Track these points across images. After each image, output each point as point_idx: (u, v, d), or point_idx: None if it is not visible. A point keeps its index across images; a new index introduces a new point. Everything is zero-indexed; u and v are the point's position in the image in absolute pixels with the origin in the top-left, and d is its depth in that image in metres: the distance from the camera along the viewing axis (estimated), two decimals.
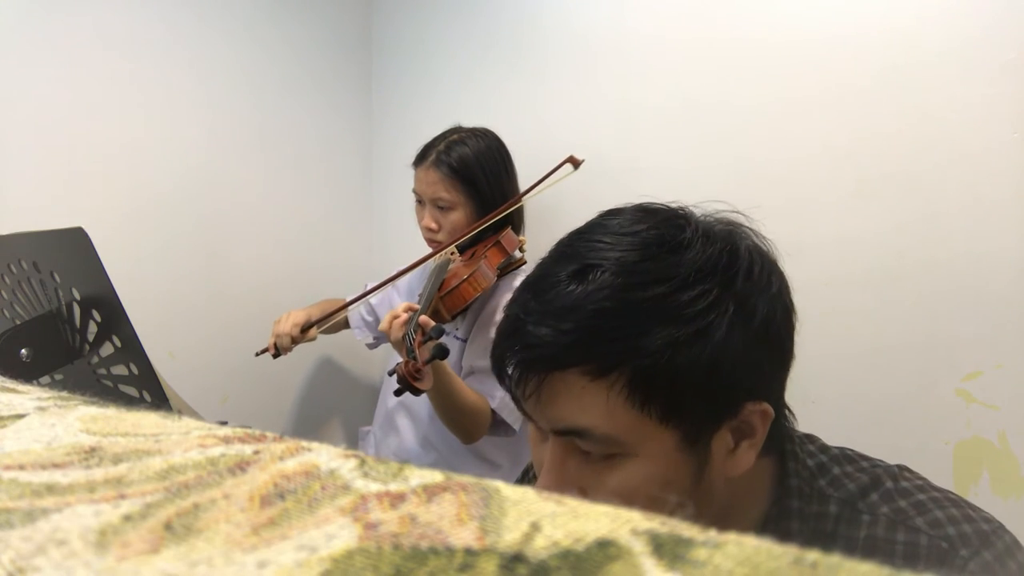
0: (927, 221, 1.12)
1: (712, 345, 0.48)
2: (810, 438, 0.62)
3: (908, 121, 1.13)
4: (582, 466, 0.52)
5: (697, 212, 0.58)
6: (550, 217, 1.56)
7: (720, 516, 0.56)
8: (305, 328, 1.28)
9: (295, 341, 1.28)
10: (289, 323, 1.29)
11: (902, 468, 0.58)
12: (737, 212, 0.58)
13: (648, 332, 0.48)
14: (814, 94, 1.22)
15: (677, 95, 1.39)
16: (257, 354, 1.33)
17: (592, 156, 1.53)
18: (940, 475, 1.10)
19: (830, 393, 1.22)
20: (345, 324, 1.59)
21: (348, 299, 1.40)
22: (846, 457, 0.59)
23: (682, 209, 0.58)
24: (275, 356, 1.31)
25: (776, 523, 0.56)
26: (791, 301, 0.56)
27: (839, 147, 1.20)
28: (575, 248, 0.54)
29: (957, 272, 1.09)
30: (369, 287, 1.39)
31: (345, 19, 1.92)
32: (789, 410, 0.60)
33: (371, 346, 1.56)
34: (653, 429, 0.50)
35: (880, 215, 1.16)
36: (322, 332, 1.47)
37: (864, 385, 1.18)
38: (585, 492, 0.52)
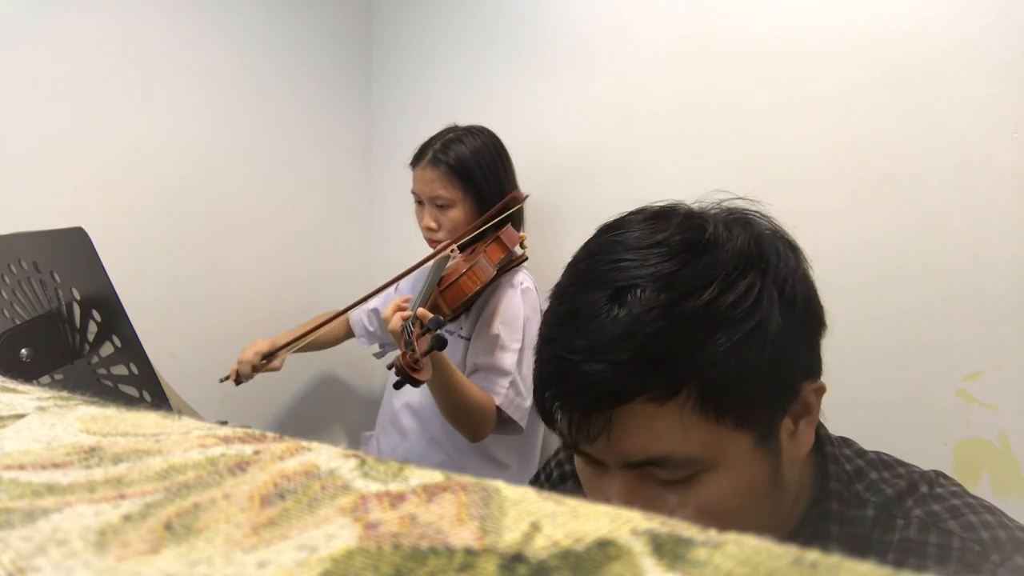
0: (927, 222, 1.11)
1: (770, 338, 0.48)
2: (846, 441, 0.62)
3: (908, 122, 1.13)
4: (657, 492, 0.50)
5: (697, 208, 0.57)
6: (552, 215, 1.56)
7: (782, 514, 0.55)
8: (268, 355, 1.29)
9: (256, 369, 1.30)
10: (252, 351, 1.31)
11: (939, 474, 0.58)
12: (735, 196, 0.58)
13: (708, 342, 0.46)
14: (814, 95, 1.22)
15: (677, 95, 1.39)
16: (221, 380, 1.33)
17: (592, 156, 1.53)
18: None
19: (830, 393, 1.21)
20: (348, 334, 1.59)
21: (336, 311, 1.40)
22: (883, 463, 0.59)
23: (687, 207, 0.56)
24: (237, 383, 1.32)
25: (815, 524, 0.55)
26: (809, 268, 0.56)
27: (839, 148, 1.20)
28: (598, 272, 0.51)
29: (957, 272, 1.09)
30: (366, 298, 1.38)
31: (345, 18, 1.92)
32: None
33: (378, 355, 1.53)
34: (730, 437, 0.48)
35: (880, 215, 1.16)
36: (313, 349, 1.48)
37: (864, 385, 1.18)
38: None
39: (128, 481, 0.18)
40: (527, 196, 1.26)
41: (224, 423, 0.43)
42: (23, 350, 0.67)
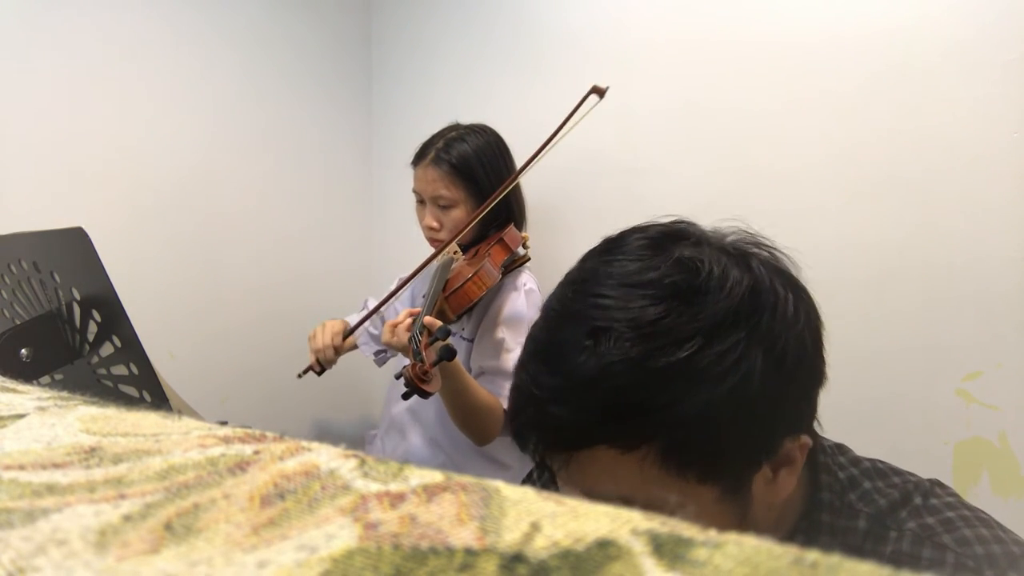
0: (927, 221, 1.12)
1: (746, 399, 0.45)
2: (841, 449, 0.60)
3: (908, 122, 1.13)
4: None
5: (708, 230, 0.53)
6: (553, 215, 1.56)
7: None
8: (346, 334, 1.21)
9: (338, 352, 1.22)
10: (328, 334, 1.22)
11: (934, 483, 0.56)
12: (742, 223, 0.54)
13: (677, 401, 0.45)
14: (814, 95, 1.22)
15: (678, 95, 1.39)
16: (300, 375, 1.24)
17: (592, 156, 1.53)
18: (940, 475, 1.09)
19: (830, 393, 1.21)
20: (352, 344, 1.58)
21: (362, 310, 1.38)
22: (877, 471, 0.57)
23: (692, 237, 0.52)
24: (319, 373, 1.23)
25: (805, 535, 0.54)
26: (817, 317, 0.51)
27: (839, 148, 1.20)
28: (581, 304, 0.49)
29: (957, 272, 1.09)
30: (369, 301, 1.37)
31: (345, 18, 1.92)
32: (817, 420, 0.57)
33: (379, 361, 1.49)
34: (692, 489, 0.47)
35: (880, 215, 1.16)
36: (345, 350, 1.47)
37: (864, 385, 1.18)
38: None
39: (128, 481, 0.18)
40: (606, 88, 1.22)
41: (224, 423, 0.43)
42: (23, 350, 0.67)
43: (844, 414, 1.21)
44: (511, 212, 1.29)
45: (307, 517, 0.16)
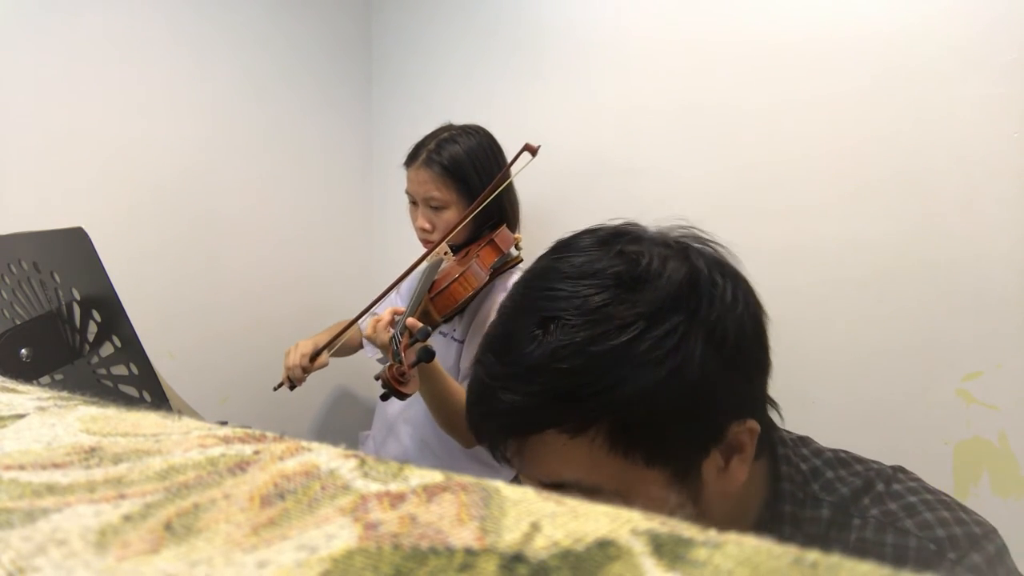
0: (927, 221, 1.12)
1: (688, 381, 0.47)
2: (804, 441, 0.61)
3: (908, 121, 1.13)
4: None
5: (651, 229, 0.56)
6: (549, 216, 1.56)
7: (717, 524, 0.55)
8: (313, 356, 1.26)
9: (306, 371, 1.27)
10: (297, 354, 1.28)
11: (897, 470, 0.58)
12: (685, 222, 0.56)
13: (620, 383, 0.47)
14: (814, 95, 1.22)
15: (677, 95, 1.39)
16: (275, 388, 1.31)
17: (592, 156, 1.53)
18: (940, 475, 1.10)
19: (830, 393, 1.22)
20: (359, 345, 1.58)
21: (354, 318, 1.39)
22: (840, 460, 0.59)
23: (634, 234, 0.55)
24: (291, 388, 1.29)
25: (769, 527, 0.55)
26: (758, 306, 0.54)
27: (839, 147, 1.20)
28: (531, 297, 0.52)
29: (957, 272, 1.09)
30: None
31: (345, 19, 1.92)
32: (777, 409, 0.58)
33: (381, 360, 1.53)
34: (640, 472, 0.49)
35: (880, 215, 1.16)
36: (335, 355, 1.47)
37: (864, 385, 1.18)
38: None
39: (128, 481, 0.18)
40: (539, 147, 1.23)
41: (224, 423, 0.43)
42: (23, 350, 0.67)
43: (844, 414, 1.22)
44: (503, 213, 1.29)
45: (307, 517, 0.16)
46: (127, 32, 1.47)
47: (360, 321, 1.40)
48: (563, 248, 0.55)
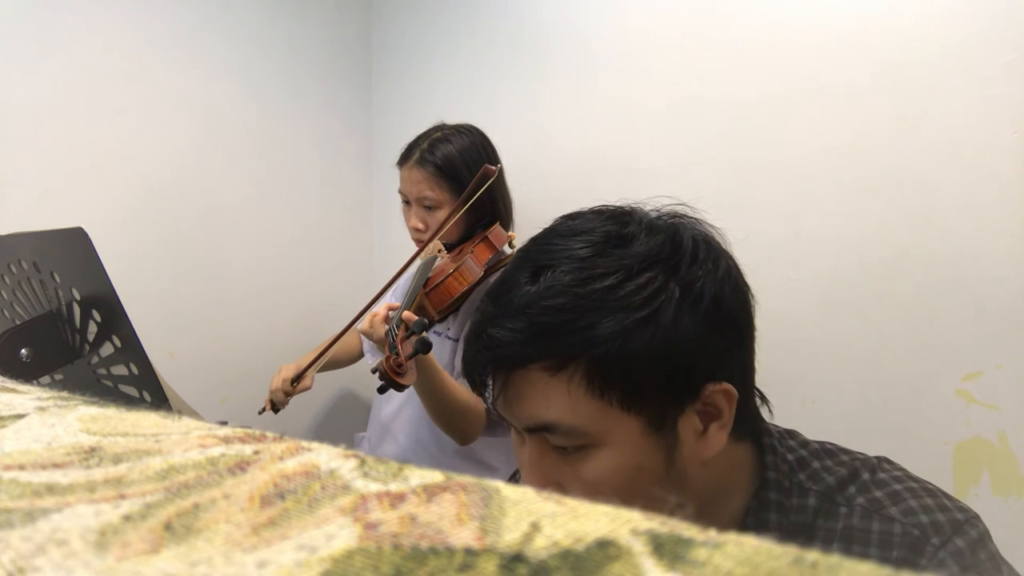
0: (927, 221, 1.12)
1: (661, 329, 0.50)
2: (791, 433, 0.63)
3: (908, 120, 1.13)
4: (558, 462, 0.54)
5: (647, 208, 0.60)
6: (549, 216, 1.56)
7: (703, 508, 0.57)
8: (295, 380, 1.28)
9: (288, 394, 1.29)
10: (279, 379, 1.31)
11: (881, 460, 0.60)
12: (683, 204, 0.61)
13: (598, 323, 0.50)
14: (814, 93, 1.22)
15: (677, 95, 1.39)
16: (259, 413, 1.33)
17: (592, 156, 1.53)
18: (940, 475, 1.10)
19: (830, 393, 1.22)
20: (357, 355, 1.58)
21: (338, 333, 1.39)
22: (826, 451, 0.61)
23: (631, 207, 0.60)
24: (275, 412, 1.30)
25: (755, 515, 0.57)
26: (743, 282, 0.57)
27: (839, 146, 1.20)
28: (531, 253, 0.57)
29: (957, 272, 1.09)
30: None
31: (345, 19, 1.92)
32: (767, 405, 0.62)
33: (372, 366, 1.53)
34: (616, 417, 0.52)
35: (880, 214, 1.16)
36: (329, 369, 1.48)
37: (864, 385, 1.18)
38: (563, 487, 0.53)
39: (128, 481, 0.18)
40: (500, 166, 1.23)
41: (224, 423, 0.43)
42: (23, 350, 0.67)
43: (844, 414, 1.21)
44: (497, 211, 1.29)
45: (307, 517, 0.16)
46: (127, 32, 1.47)
47: (354, 329, 1.40)
48: (565, 217, 0.60)
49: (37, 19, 1.35)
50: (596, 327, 0.50)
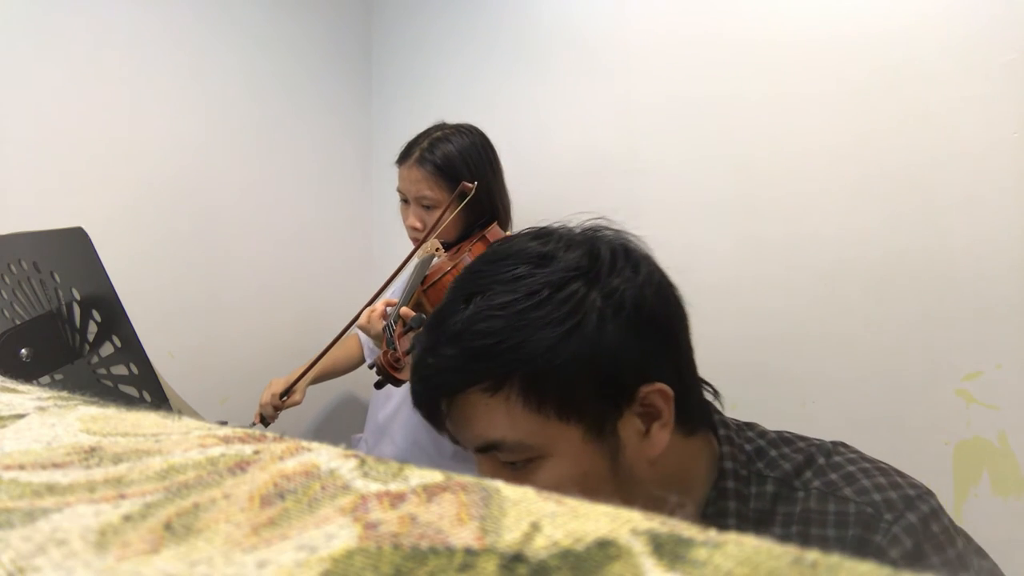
0: (927, 221, 1.12)
1: (587, 339, 0.53)
2: (750, 426, 0.65)
3: (908, 120, 1.13)
4: (510, 477, 0.57)
5: (572, 225, 0.63)
6: (553, 215, 1.56)
7: (662, 504, 0.58)
8: (283, 395, 1.29)
9: (277, 408, 1.31)
10: (268, 393, 1.33)
11: (837, 444, 0.61)
12: (602, 218, 0.62)
13: (527, 340, 0.53)
14: (814, 93, 1.22)
15: (678, 95, 1.39)
16: (251, 425, 1.33)
17: (592, 156, 1.53)
18: (940, 475, 1.10)
19: (830, 393, 1.22)
20: (357, 361, 1.58)
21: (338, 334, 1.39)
22: (783, 439, 0.63)
23: (551, 227, 0.62)
24: (265, 425, 1.32)
25: (715, 504, 0.59)
26: (668, 283, 0.59)
27: (839, 146, 1.20)
28: (464, 282, 0.59)
29: (957, 272, 1.09)
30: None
31: (345, 19, 1.92)
32: (719, 399, 0.64)
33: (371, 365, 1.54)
34: (556, 428, 0.54)
35: (880, 215, 1.16)
36: (325, 379, 1.48)
37: (864, 385, 1.18)
38: None
39: (128, 481, 0.18)
40: (476, 184, 1.24)
41: (224, 423, 0.43)
42: (23, 350, 0.67)
43: (844, 414, 1.21)
44: (495, 211, 1.29)
45: (307, 517, 0.16)
46: (127, 32, 1.47)
47: (352, 330, 1.40)
48: (498, 242, 0.63)
49: (37, 19, 1.35)
50: (525, 345, 0.52)
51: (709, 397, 0.64)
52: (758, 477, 0.59)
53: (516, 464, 0.55)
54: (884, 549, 0.51)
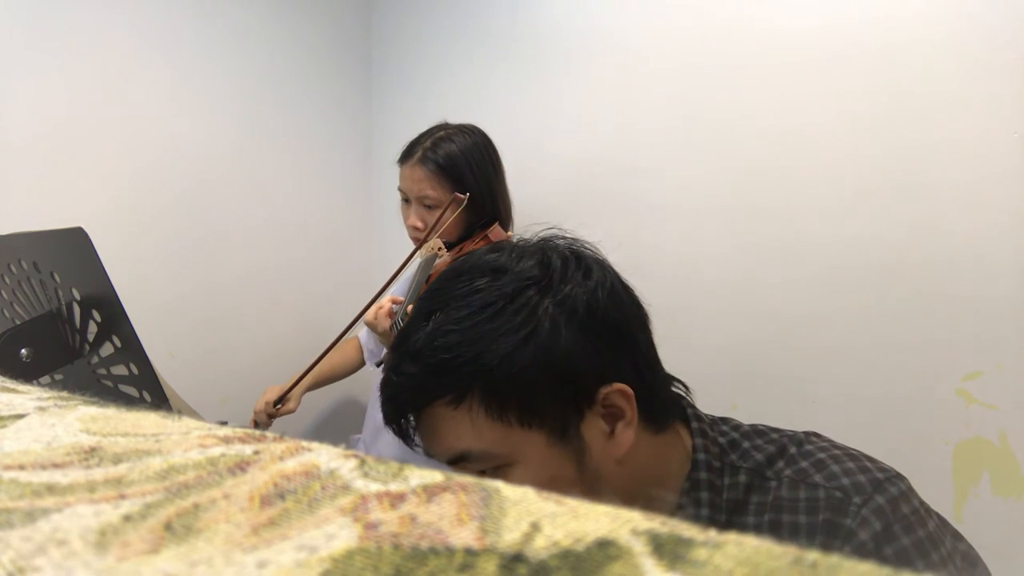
0: (927, 221, 1.12)
1: (542, 345, 0.54)
2: (724, 420, 0.66)
3: (908, 121, 1.13)
4: None
5: (528, 237, 0.64)
6: (552, 215, 1.56)
7: (635, 502, 0.57)
8: (277, 403, 1.30)
9: (272, 416, 1.32)
10: (262, 401, 1.33)
11: (809, 434, 0.63)
12: (555, 227, 0.64)
13: (485, 351, 0.54)
14: (814, 95, 1.22)
15: (677, 96, 1.39)
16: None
17: (592, 156, 1.53)
18: (940, 475, 1.10)
19: (830, 393, 1.22)
20: (356, 364, 1.58)
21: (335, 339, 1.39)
22: (756, 432, 0.63)
23: (505, 241, 0.64)
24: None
25: (688, 495, 0.60)
26: (621, 286, 0.60)
27: (840, 147, 1.20)
28: (426, 300, 0.61)
29: (957, 272, 1.09)
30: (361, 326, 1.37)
31: (345, 18, 1.92)
32: (689, 395, 0.65)
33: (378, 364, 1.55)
34: (520, 435, 0.55)
35: (880, 215, 1.16)
36: (332, 380, 1.49)
37: (864, 385, 1.18)
38: None
39: (128, 481, 0.18)
40: (468, 196, 1.25)
41: (224, 423, 0.43)
42: (23, 350, 0.67)
43: (844, 414, 1.21)
44: (496, 211, 1.29)
45: (307, 517, 0.16)
46: (127, 32, 1.47)
47: (360, 334, 1.40)
48: (459, 260, 0.64)
49: (36, 19, 1.35)
50: (483, 356, 0.54)
51: (682, 391, 0.65)
52: (731, 468, 0.60)
53: (485, 473, 0.55)
54: (854, 531, 0.52)
